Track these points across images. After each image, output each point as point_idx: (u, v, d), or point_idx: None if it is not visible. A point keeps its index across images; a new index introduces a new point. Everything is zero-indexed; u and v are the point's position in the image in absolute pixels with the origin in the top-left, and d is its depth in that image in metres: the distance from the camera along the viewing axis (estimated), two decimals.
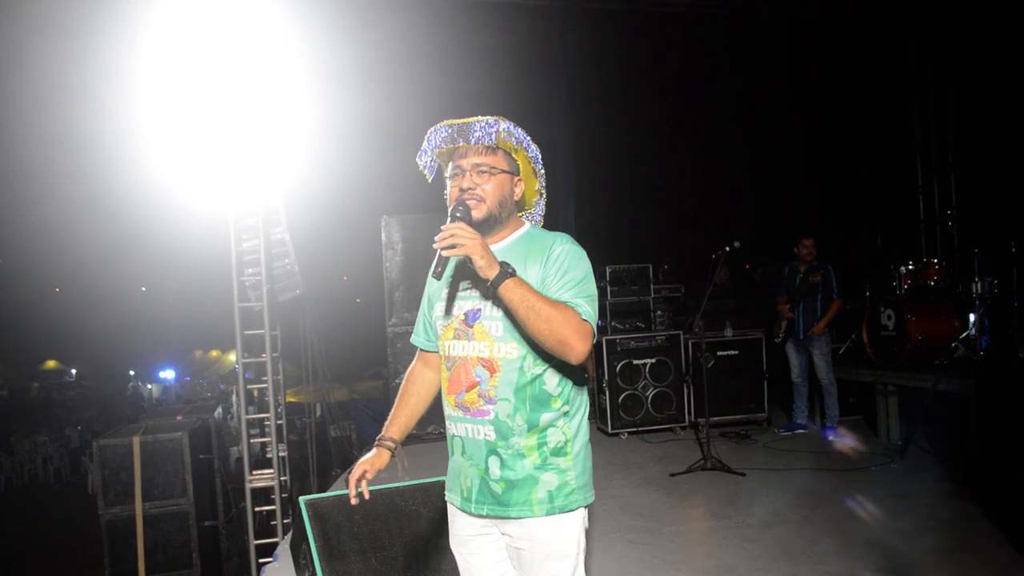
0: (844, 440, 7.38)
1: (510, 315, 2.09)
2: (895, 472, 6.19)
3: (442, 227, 2.05)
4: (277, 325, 7.88)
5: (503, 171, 2.25)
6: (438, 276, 2.12)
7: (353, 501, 2.42)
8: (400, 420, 2.53)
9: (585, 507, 2.25)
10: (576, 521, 2.22)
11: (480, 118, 2.23)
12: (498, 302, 2.11)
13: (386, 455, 2.47)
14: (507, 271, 2.04)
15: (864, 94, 11.48)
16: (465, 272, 2.24)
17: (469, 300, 2.26)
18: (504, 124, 2.22)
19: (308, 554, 3.59)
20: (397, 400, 2.57)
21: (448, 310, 2.32)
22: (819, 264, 7.46)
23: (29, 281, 33.89)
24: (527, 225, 2.38)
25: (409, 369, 2.62)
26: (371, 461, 2.45)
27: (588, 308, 2.11)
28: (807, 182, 13.05)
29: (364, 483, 2.41)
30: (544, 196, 2.44)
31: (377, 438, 2.52)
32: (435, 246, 2.03)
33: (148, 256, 33.11)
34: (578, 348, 2.03)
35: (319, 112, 7.90)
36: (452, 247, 2.01)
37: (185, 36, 6.74)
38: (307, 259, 8.46)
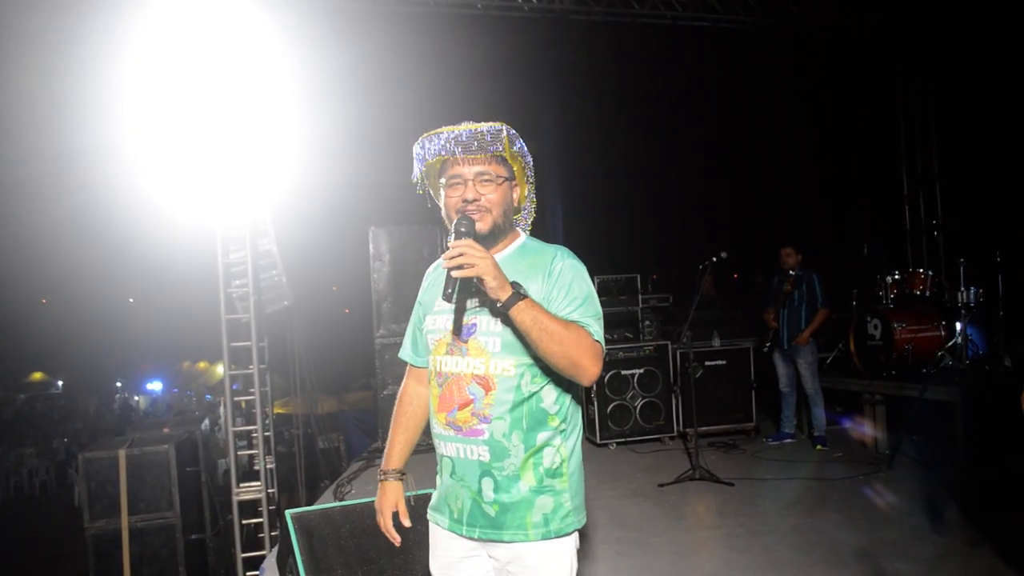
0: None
1: (517, 333, 2.00)
2: (882, 481, 6.20)
3: (449, 244, 1.95)
4: (264, 337, 7.86)
5: (505, 179, 2.16)
6: (448, 298, 1.99)
7: (399, 541, 2.40)
8: (399, 448, 2.45)
9: (579, 530, 2.17)
10: (569, 545, 2.14)
11: (481, 124, 2.11)
12: (507, 320, 2.00)
13: (399, 486, 2.42)
14: (519, 292, 1.95)
15: (849, 105, 11.57)
16: (461, 285, 2.11)
17: (464, 314, 2.15)
18: (507, 130, 2.13)
19: (295, 567, 3.57)
20: (393, 424, 2.47)
21: (441, 324, 2.22)
22: (802, 273, 7.47)
23: (16, 292, 33.66)
24: (522, 236, 2.29)
25: (401, 388, 2.51)
26: (390, 501, 2.40)
27: (597, 328, 2.07)
28: (794, 192, 13.13)
29: (403, 519, 2.40)
30: (534, 201, 2.34)
31: (380, 472, 2.44)
32: (444, 266, 1.93)
33: (135, 268, 32.97)
34: (592, 370, 2.00)
35: (306, 123, 7.89)
36: (460, 267, 1.90)
37: (171, 48, 6.74)
38: (295, 270, 8.44)
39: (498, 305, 1.95)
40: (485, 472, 2.10)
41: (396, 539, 2.39)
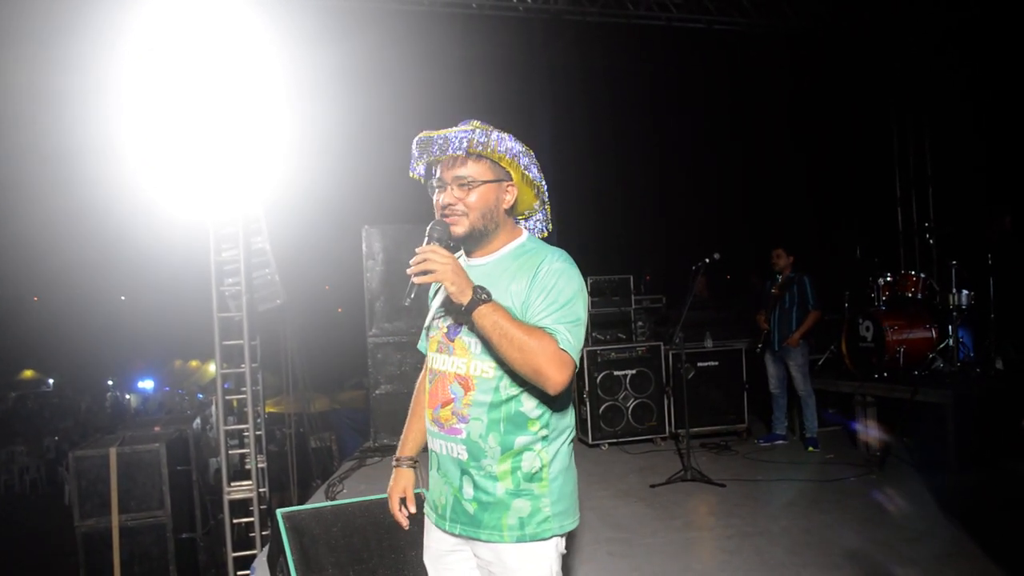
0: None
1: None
2: (874, 483, 6.21)
3: (416, 249, 1.95)
4: (257, 335, 7.84)
5: (486, 181, 2.10)
6: (407, 302, 2.03)
7: (406, 524, 2.40)
8: (412, 437, 2.47)
9: (561, 535, 2.14)
10: (548, 550, 2.11)
11: (456, 128, 2.10)
12: (472, 325, 2.01)
13: (410, 473, 2.44)
14: (479, 297, 1.94)
15: (843, 107, 11.58)
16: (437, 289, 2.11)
17: (453, 313, 2.16)
18: (480, 132, 2.08)
19: (285, 567, 3.56)
20: (410, 414, 2.49)
21: (435, 321, 2.25)
22: (793, 275, 7.48)
23: (7, 290, 33.54)
24: (524, 236, 2.25)
25: (419, 378, 2.51)
26: (399, 487, 2.42)
27: (568, 335, 1.98)
28: (787, 194, 13.15)
29: (410, 505, 2.40)
30: (547, 203, 2.31)
31: (395, 458, 2.47)
32: (408, 271, 1.93)
33: (127, 265, 32.88)
34: (554, 378, 1.92)
35: (300, 121, 7.88)
36: (425, 272, 1.91)
37: (165, 45, 6.72)
38: (288, 268, 8.42)
39: (461, 309, 1.96)
40: (464, 471, 2.12)
41: (404, 523, 2.41)
